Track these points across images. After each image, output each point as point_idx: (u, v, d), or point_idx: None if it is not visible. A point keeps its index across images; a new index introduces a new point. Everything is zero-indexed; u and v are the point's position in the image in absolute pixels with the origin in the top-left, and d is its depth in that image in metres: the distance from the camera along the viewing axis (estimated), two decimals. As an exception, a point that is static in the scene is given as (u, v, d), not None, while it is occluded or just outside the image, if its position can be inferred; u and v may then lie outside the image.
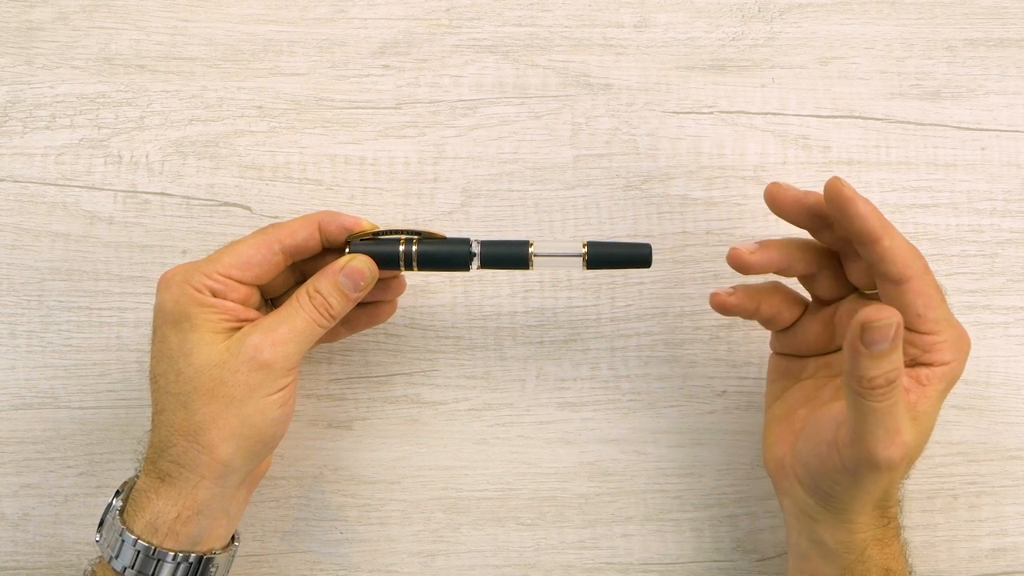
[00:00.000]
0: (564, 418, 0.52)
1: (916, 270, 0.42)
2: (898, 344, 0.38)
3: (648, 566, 0.52)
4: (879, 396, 0.39)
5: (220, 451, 0.43)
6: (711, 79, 0.53)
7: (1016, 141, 0.53)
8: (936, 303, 0.42)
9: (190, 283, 0.44)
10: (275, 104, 0.53)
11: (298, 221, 0.46)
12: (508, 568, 0.52)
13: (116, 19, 0.53)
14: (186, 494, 0.43)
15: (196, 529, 0.43)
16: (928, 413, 0.42)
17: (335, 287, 0.45)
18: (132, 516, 0.43)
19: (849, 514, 0.43)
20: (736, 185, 0.53)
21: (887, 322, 0.38)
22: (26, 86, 0.53)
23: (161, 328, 0.44)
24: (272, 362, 0.43)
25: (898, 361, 0.38)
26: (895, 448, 0.39)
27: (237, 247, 0.45)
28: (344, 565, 0.52)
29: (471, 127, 0.53)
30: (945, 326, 0.42)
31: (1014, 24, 0.54)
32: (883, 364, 0.38)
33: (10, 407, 0.52)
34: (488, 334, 0.52)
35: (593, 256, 0.46)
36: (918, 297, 0.42)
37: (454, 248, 0.46)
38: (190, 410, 0.43)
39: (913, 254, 0.43)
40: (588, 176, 0.53)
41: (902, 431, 0.39)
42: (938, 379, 0.42)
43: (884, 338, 0.38)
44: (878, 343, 0.38)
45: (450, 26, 0.53)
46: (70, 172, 0.53)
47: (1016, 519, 0.52)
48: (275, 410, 0.44)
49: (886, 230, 0.42)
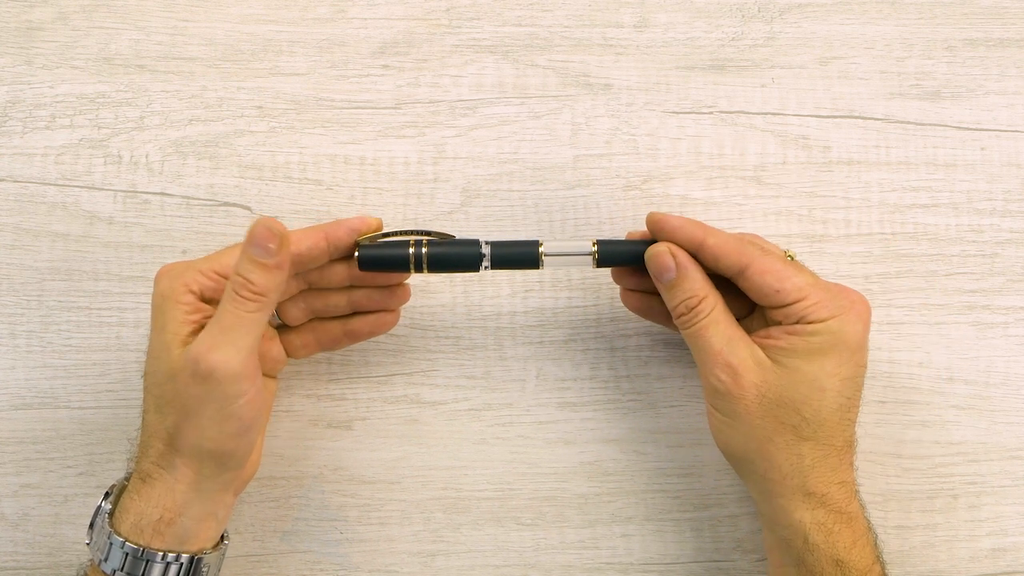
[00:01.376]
0: (564, 418, 0.52)
1: (751, 255, 0.44)
2: (685, 273, 0.44)
3: (648, 566, 0.52)
4: (685, 322, 0.45)
5: (189, 458, 0.42)
6: (711, 79, 0.53)
7: (1016, 141, 0.53)
8: (789, 273, 0.44)
9: (181, 278, 0.43)
10: (275, 104, 0.53)
11: (303, 230, 0.45)
12: (508, 568, 0.52)
13: (116, 19, 0.53)
14: (166, 496, 0.42)
15: (180, 530, 0.43)
16: (798, 360, 0.43)
17: (247, 260, 0.41)
18: (119, 518, 0.43)
19: (759, 480, 0.44)
20: (736, 185, 0.53)
21: (656, 250, 0.44)
22: (26, 86, 0.53)
23: (152, 326, 0.44)
24: (211, 370, 0.40)
25: (692, 289, 0.44)
26: (720, 370, 0.43)
27: (236, 248, 0.44)
28: (344, 565, 0.52)
29: (471, 127, 0.53)
30: (812, 290, 0.43)
31: (1014, 24, 0.54)
32: (677, 293, 0.44)
33: (10, 407, 0.52)
34: (488, 334, 0.52)
35: (603, 254, 0.46)
36: (765, 275, 0.44)
37: (464, 249, 0.46)
38: (163, 414, 0.43)
39: (742, 242, 0.44)
40: (588, 176, 0.53)
41: (722, 352, 0.43)
42: (810, 332, 0.43)
43: (662, 267, 0.44)
44: (664, 274, 0.45)
45: (450, 26, 0.53)
46: (70, 172, 0.53)
47: (1016, 519, 0.52)
48: (232, 424, 0.41)
49: (706, 232, 0.44)
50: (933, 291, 0.52)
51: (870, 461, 0.52)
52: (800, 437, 0.43)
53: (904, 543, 0.51)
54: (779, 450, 0.43)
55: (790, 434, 0.43)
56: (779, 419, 0.43)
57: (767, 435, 0.44)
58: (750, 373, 0.43)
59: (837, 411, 0.43)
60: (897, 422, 0.52)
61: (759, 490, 0.45)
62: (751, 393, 0.43)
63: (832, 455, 0.44)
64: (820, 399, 0.43)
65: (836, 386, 0.43)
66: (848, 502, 0.44)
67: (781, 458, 0.43)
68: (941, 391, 0.52)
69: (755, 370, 0.44)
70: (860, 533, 0.44)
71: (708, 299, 0.45)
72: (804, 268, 0.45)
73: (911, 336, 0.52)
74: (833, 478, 0.44)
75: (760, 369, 0.44)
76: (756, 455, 0.44)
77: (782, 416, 0.43)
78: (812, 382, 0.43)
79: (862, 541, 0.44)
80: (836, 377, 0.43)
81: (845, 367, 0.43)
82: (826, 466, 0.43)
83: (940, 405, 0.52)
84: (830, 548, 0.43)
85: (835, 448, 0.44)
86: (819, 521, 0.43)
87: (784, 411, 0.43)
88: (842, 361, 0.43)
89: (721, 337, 0.44)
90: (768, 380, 0.43)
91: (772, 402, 0.43)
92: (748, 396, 0.43)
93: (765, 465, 0.44)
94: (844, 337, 0.43)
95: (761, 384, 0.43)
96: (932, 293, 0.52)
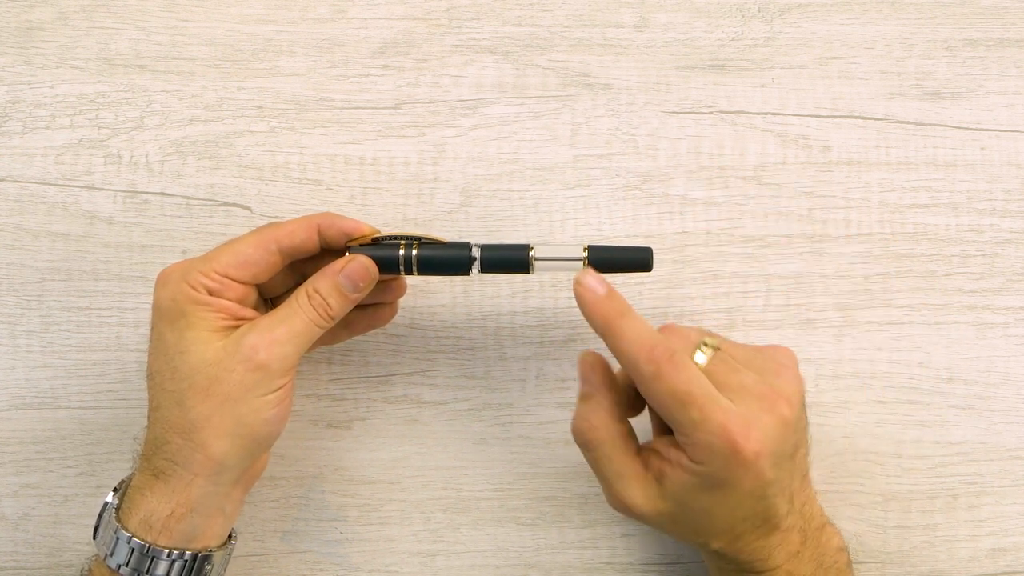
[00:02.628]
0: (564, 418, 0.52)
1: (646, 372, 0.42)
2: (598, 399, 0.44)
3: (648, 566, 0.52)
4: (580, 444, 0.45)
5: (214, 449, 0.43)
6: (711, 79, 0.53)
7: (1016, 141, 0.53)
8: (676, 407, 0.41)
9: (187, 280, 0.43)
10: (275, 104, 0.53)
11: (297, 222, 0.45)
12: (508, 568, 0.52)
13: (116, 19, 0.53)
14: (180, 491, 0.43)
15: (190, 527, 0.43)
16: (681, 494, 0.42)
17: (335, 288, 0.45)
18: (127, 513, 0.43)
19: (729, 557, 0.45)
20: (736, 185, 0.53)
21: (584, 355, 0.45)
22: (26, 86, 0.53)
23: (158, 325, 0.44)
24: (268, 363, 0.43)
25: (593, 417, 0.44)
26: (612, 498, 0.44)
27: (234, 246, 0.45)
28: (344, 565, 0.52)
29: (471, 127, 0.53)
30: (693, 430, 0.41)
31: (1014, 24, 0.54)
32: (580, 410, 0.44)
33: (10, 407, 0.52)
34: (488, 334, 0.52)
35: (594, 260, 0.46)
36: (657, 402, 0.42)
37: (454, 252, 0.46)
38: (184, 407, 0.43)
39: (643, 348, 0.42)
40: (588, 176, 0.53)
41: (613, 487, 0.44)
42: (683, 469, 0.42)
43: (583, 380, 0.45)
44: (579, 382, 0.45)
45: (450, 26, 0.53)
46: (70, 172, 0.53)
47: (1016, 519, 0.52)
48: (270, 410, 0.44)
49: (609, 328, 0.43)
50: (933, 291, 0.52)
51: (870, 461, 0.52)
52: (705, 541, 0.44)
53: (904, 543, 0.51)
54: (711, 548, 0.44)
55: (695, 539, 0.44)
56: (680, 532, 0.44)
57: (689, 539, 0.45)
58: (639, 504, 0.43)
59: (738, 523, 0.43)
60: (897, 422, 0.52)
61: None
62: (645, 517, 0.44)
63: (745, 540, 0.43)
64: (710, 522, 0.43)
65: (726, 513, 0.43)
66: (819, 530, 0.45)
67: (723, 551, 0.44)
68: (941, 391, 0.52)
69: (645, 503, 0.43)
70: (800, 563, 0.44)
71: (600, 431, 0.44)
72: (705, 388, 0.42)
73: (911, 336, 0.52)
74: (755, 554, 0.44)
75: (649, 502, 0.43)
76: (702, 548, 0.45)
77: (681, 531, 0.44)
78: (699, 511, 0.43)
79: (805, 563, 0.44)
80: (724, 507, 0.42)
81: (731, 499, 0.42)
82: (739, 549, 0.44)
83: (940, 405, 0.52)
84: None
85: (747, 536, 0.43)
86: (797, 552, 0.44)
87: (681, 527, 0.44)
88: (726, 498, 0.42)
89: (613, 472, 0.44)
90: (658, 508, 0.43)
91: (668, 521, 0.44)
92: (644, 518, 0.44)
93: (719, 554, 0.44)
94: (721, 484, 0.42)
95: (651, 512, 0.43)
96: (932, 293, 0.52)
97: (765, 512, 0.43)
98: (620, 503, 0.44)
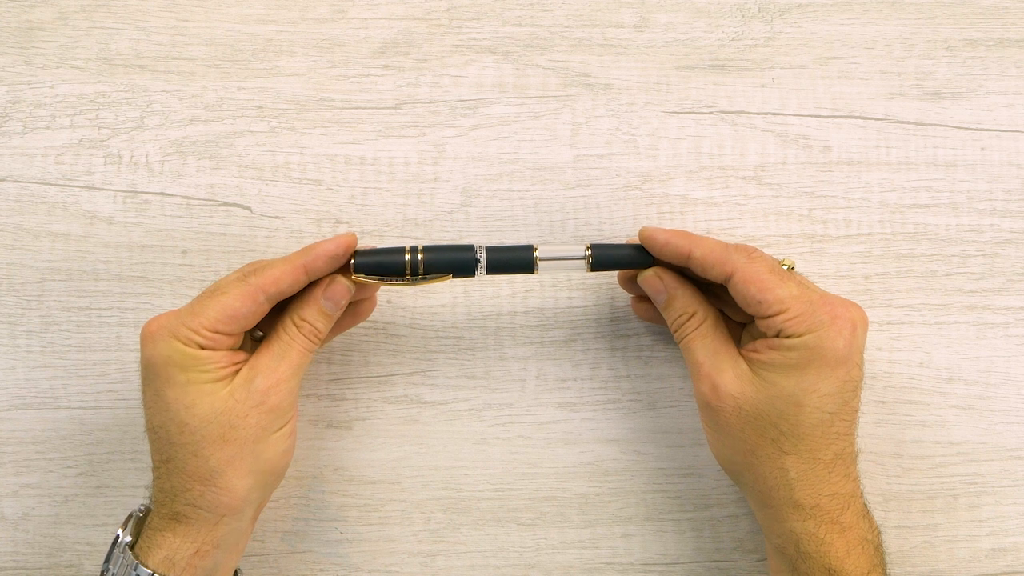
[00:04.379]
0: (564, 418, 0.52)
1: (736, 264, 0.45)
2: (675, 294, 0.46)
3: (648, 566, 0.52)
4: (677, 337, 0.47)
5: (238, 490, 0.44)
6: (711, 79, 0.53)
7: (1016, 141, 0.53)
8: (771, 284, 0.44)
9: (177, 338, 0.43)
10: (275, 104, 0.53)
11: (280, 267, 0.45)
12: (508, 568, 0.52)
13: (116, 19, 0.53)
14: (205, 531, 0.44)
15: (213, 563, 0.44)
16: (775, 375, 0.43)
17: (319, 312, 0.46)
18: (145, 552, 0.44)
19: (749, 491, 0.45)
20: (736, 185, 0.53)
21: (645, 276, 0.47)
22: (26, 86, 0.53)
23: (153, 383, 0.44)
24: (280, 402, 0.45)
25: (682, 307, 0.46)
26: (702, 382, 0.45)
27: (221, 300, 0.44)
28: (344, 565, 0.52)
29: (471, 127, 0.53)
30: (793, 303, 0.44)
31: (1014, 24, 0.54)
32: (670, 312, 0.47)
33: (10, 407, 0.52)
34: (488, 334, 0.52)
35: (597, 258, 0.47)
36: (749, 286, 0.44)
37: (460, 255, 0.46)
38: (201, 457, 0.43)
39: (728, 251, 0.45)
40: (588, 176, 0.53)
41: (704, 364, 0.45)
42: (787, 347, 0.43)
43: (653, 292, 0.47)
44: (656, 297, 0.47)
45: (450, 26, 0.53)
46: (70, 172, 0.53)
47: (1016, 519, 0.52)
48: (284, 443, 0.46)
49: (692, 243, 0.46)
50: (933, 291, 0.52)
51: (870, 461, 0.52)
52: (781, 451, 0.43)
53: (904, 543, 0.51)
54: (762, 463, 0.44)
55: (771, 447, 0.44)
56: (759, 432, 0.44)
57: (750, 447, 0.44)
58: (729, 386, 0.44)
59: (818, 426, 0.43)
60: (897, 422, 0.52)
61: (752, 500, 0.46)
62: (729, 405, 0.44)
63: (818, 468, 0.44)
64: (797, 414, 0.43)
65: (815, 402, 0.43)
66: (841, 512, 0.44)
67: (766, 470, 0.44)
68: (941, 391, 0.52)
69: (734, 383, 0.44)
70: (855, 543, 0.44)
71: (697, 315, 0.46)
72: (792, 280, 0.45)
73: (911, 336, 0.52)
74: (822, 490, 0.44)
75: (739, 382, 0.44)
76: (743, 467, 0.45)
77: (761, 430, 0.44)
78: (789, 397, 0.43)
79: (857, 551, 0.44)
80: (814, 393, 0.43)
81: (825, 382, 0.43)
82: (813, 479, 0.43)
83: (940, 405, 0.52)
84: (822, 557, 0.43)
85: (821, 462, 0.44)
86: (810, 531, 0.43)
87: (763, 424, 0.44)
88: (821, 376, 0.43)
89: (706, 350, 0.46)
90: (746, 393, 0.44)
91: (750, 415, 0.44)
92: (727, 408, 0.44)
93: (752, 477, 0.44)
94: (822, 352, 0.43)
95: (739, 397, 0.44)
96: (932, 293, 0.52)
97: (848, 428, 0.44)
98: (710, 383, 0.45)
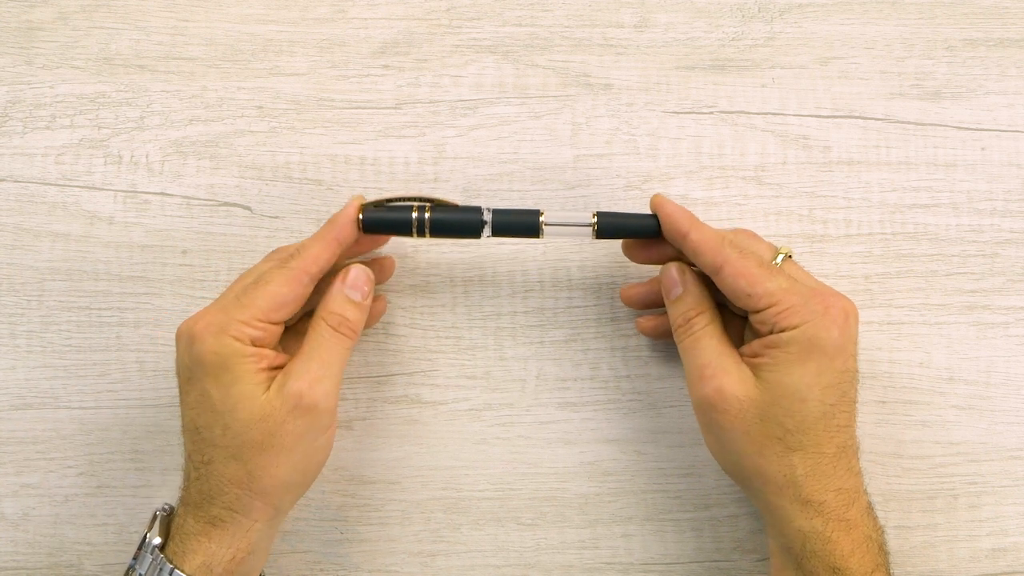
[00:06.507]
0: (564, 418, 0.52)
1: (726, 255, 0.44)
2: (689, 290, 0.46)
3: (648, 566, 0.52)
4: (680, 335, 0.47)
5: (274, 496, 0.44)
6: (711, 79, 0.53)
7: (1016, 141, 0.53)
8: (761, 278, 0.44)
9: (229, 333, 0.43)
10: (275, 104, 0.53)
11: (317, 245, 0.46)
12: (508, 568, 0.52)
13: (116, 19, 0.53)
14: (240, 537, 0.44)
15: (247, 568, 0.44)
16: (777, 374, 0.43)
17: (346, 301, 0.46)
18: (181, 557, 0.43)
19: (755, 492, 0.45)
20: (736, 185, 0.53)
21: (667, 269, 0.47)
22: (26, 86, 0.53)
23: (200, 382, 0.44)
24: (315, 403, 0.44)
25: (691, 304, 0.46)
26: (706, 383, 0.44)
27: (268, 288, 0.44)
28: (344, 565, 0.52)
29: (471, 127, 0.53)
30: (784, 295, 0.44)
31: (1014, 24, 0.54)
32: (679, 307, 0.47)
33: (10, 407, 0.52)
34: (488, 334, 0.52)
35: (603, 225, 0.47)
36: (739, 279, 0.44)
37: (466, 216, 0.47)
38: (242, 461, 0.43)
39: (722, 242, 0.45)
40: (588, 176, 0.53)
41: (709, 366, 0.44)
42: (784, 342, 0.43)
43: (670, 284, 0.47)
44: (672, 289, 0.47)
45: (450, 26, 0.53)
46: (70, 172, 0.53)
47: (1016, 519, 0.52)
48: (322, 453, 0.46)
49: (691, 226, 0.45)
50: (933, 291, 0.52)
51: (870, 461, 0.52)
52: (789, 448, 0.43)
53: (904, 543, 0.51)
54: (770, 463, 0.44)
55: (778, 446, 0.43)
56: (765, 433, 0.44)
57: (756, 448, 0.44)
58: (735, 387, 0.44)
59: (821, 419, 0.43)
60: (897, 422, 0.52)
61: (757, 501, 0.46)
62: (734, 407, 0.44)
63: (824, 463, 0.44)
64: (802, 410, 0.43)
65: (817, 395, 0.43)
66: (846, 508, 0.44)
67: (773, 470, 0.44)
68: (941, 391, 0.52)
69: (739, 385, 0.44)
70: (859, 541, 0.44)
71: (704, 315, 0.46)
72: (782, 273, 0.45)
73: (911, 336, 0.52)
74: (829, 485, 0.44)
75: (744, 385, 0.44)
76: (749, 470, 0.44)
77: (767, 430, 0.43)
78: (793, 394, 0.43)
79: (862, 548, 0.44)
80: (816, 386, 0.43)
81: (825, 374, 0.43)
82: (819, 474, 0.43)
83: (940, 405, 0.52)
84: (827, 556, 0.43)
85: (827, 456, 0.44)
86: (816, 529, 0.43)
87: (768, 425, 0.43)
88: (821, 368, 0.43)
89: (713, 351, 0.45)
90: (751, 395, 0.44)
91: (755, 416, 0.44)
92: (732, 410, 0.44)
93: (759, 479, 0.44)
94: (819, 343, 0.43)
95: (744, 399, 0.44)
96: (932, 293, 0.52)
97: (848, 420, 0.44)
98: (714, 387, 0.44)
